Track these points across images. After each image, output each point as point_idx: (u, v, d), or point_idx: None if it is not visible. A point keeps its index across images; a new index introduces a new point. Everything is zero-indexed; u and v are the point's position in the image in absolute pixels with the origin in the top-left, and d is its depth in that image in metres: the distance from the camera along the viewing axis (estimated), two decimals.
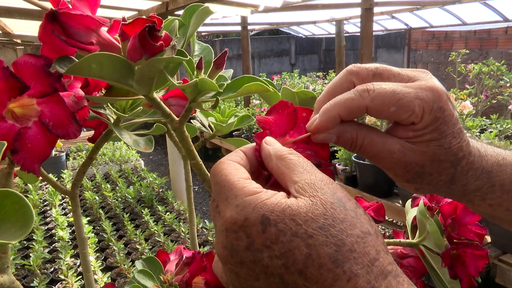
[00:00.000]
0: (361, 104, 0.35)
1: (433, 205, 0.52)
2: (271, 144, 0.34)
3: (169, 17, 0.47)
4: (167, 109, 0.47)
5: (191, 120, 0.77)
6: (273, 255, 0.28)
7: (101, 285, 2.05)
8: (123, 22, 0.40)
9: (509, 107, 3.05)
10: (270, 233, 0.28)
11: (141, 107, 0.55)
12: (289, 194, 0.31)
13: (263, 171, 0.36)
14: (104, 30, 0.41)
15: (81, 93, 0.46)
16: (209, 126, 0.73)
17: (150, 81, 0.42)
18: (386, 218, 3.08)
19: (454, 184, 0.38)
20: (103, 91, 0.51)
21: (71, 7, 0.38)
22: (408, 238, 0.55)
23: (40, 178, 0.39)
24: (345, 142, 0.37)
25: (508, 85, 3.55)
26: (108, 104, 0.51)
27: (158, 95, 0.55)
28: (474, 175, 0.38)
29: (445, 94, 0.36)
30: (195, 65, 0.48)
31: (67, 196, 3.64)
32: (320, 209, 0.29)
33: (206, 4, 0.47)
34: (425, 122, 0.35)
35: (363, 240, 0.29)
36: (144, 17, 0.39)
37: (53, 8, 0.37)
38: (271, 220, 0.29)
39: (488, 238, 2.25)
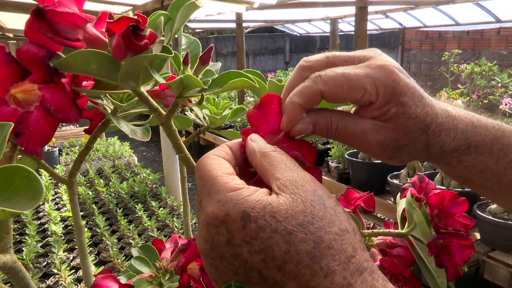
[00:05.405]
0: (315, 89, 0.35)
1: (421, 196, 0.53)
2: (256, 141, 0.35)
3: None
4: (154, 103, 0.47)
5: (186, 113, 0.78)
6: (252, 250, 0.29)
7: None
8: (108, 20, 0.40)
9: (500, 107, 3.08)
10: (250, 229, 0.29)
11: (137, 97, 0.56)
12: (271, 190, 0.31)
13: (249, 167, 0.36)
14: (90, 25, 0.41)
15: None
16: (204, 118, 0.74)
17: (136, 77, 0.42)
18: (379, 216, 3.10)
19: (431, 148, 0.39)
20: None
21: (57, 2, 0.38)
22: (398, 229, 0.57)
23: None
24: (321, 129, 0.37)
25: (499, 85, 3.58)
26: (107, 94, 0.52)
27: (148, 87, 0.56)
28: (449, 136, 0.39)
29: (396, 68, 0.36)
30: (181, 60, 0.49)
31: (60, 192, 3.60)
32: (300, 206, 0.30)
33: None
34: (383, 99, 0.36)
35: (341, 237, 0.30)
36: (130, 12, 0.39)
37: (39, 5, 0.37)
38: (252, 216, 0.29)
39: (477, 235, 2.28)
